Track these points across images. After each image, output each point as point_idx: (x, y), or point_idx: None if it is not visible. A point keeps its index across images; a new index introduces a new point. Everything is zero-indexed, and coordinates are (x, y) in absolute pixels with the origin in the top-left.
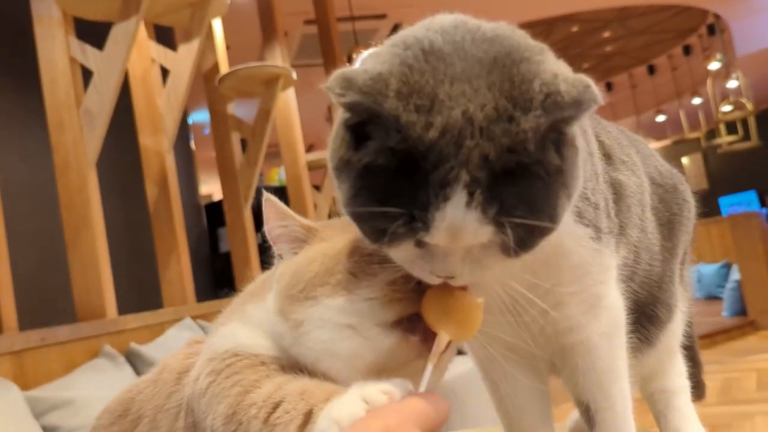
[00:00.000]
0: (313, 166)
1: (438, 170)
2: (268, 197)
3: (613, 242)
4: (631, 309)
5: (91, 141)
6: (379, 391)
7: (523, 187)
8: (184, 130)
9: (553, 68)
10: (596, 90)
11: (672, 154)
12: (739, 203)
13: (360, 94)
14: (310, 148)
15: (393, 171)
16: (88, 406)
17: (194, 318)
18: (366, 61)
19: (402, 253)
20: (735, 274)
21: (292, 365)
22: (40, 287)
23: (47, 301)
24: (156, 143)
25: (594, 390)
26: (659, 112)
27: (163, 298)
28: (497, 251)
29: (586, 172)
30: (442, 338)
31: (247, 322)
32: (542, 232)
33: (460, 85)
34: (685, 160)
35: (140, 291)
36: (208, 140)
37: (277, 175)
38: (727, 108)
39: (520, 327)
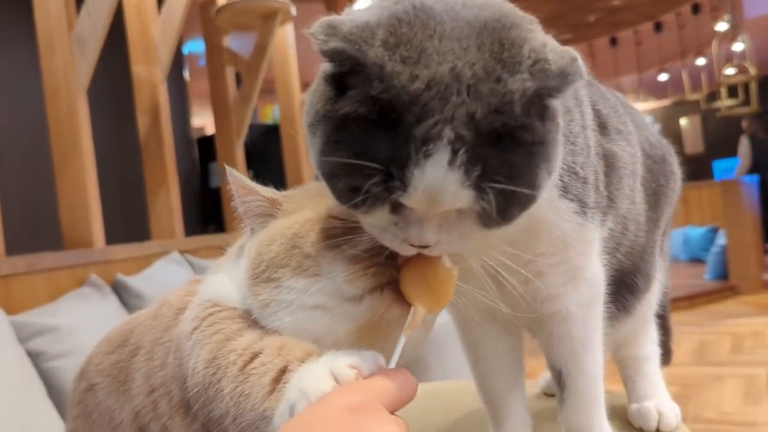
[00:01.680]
0: None
1: (421, 125)
2: (231, 172)
3: (599, 216)
4: (612, 279)
5: (82, 66)
6: (347, 365)
7: (507, 153)
8: (178, 60)
9: (542, 38)
10: (582, 64)
11: (671, 115)
12: (732, 168)
13: (344, 41)
14: (306, 87)
15: (372, 124)
16: (73, 334)
17: (182, 252)
18: (353, 12)
19: (375, 219)
20: (721, 239)
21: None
22: (27, 213)
23: (34, 227)
24: (149, 73)
25: (567, 357)
26: (662, 70)
27: (151, 230)
28: (474, 220)
29: (577, 146)
30: (418, 311)
31: (231, 276)
32: (522, 203)
33: (449, 43)
34: (683, 121)
35: (128, 222)
36: (203, 71)
37: (272, 113)
38: (730, 71)
39: (500, 294)
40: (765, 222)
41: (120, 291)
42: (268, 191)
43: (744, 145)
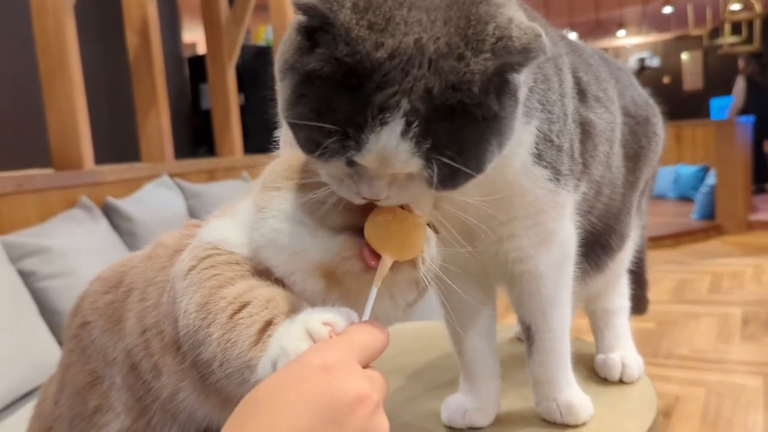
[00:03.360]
0: None
1: (381, 93)
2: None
3: (573, 182)
4: (585, 239)
5: None
6: (321, 322)
7: (458, 127)
8: None
9: (510, 14)
10: (546, 41)
11: (672, 49)
12: (728, 106)
13: None
14: None
15: (335, 85)
16: (65, 255)
17: (172, 176)
18: None
19: (332, 170)
20: (711, 179)
21: (261, 270)
22: (15, 131)
23: (22, 145)
24: None
25: (536, 313)
26: (667, 3)
27: (141, 152)
28: (422, 183)
29: (553, 114)
30: (386, 261)
31: (235, 219)
32: (466, 176)
33: (418, 13)
34: (684, 56)
35: (117, 142)
36: None
37: (264, 34)
38: (735, 6)
39: (474, 253)
40: (755, 163)
41: (110, 214)
42: None
43: (739, 85)
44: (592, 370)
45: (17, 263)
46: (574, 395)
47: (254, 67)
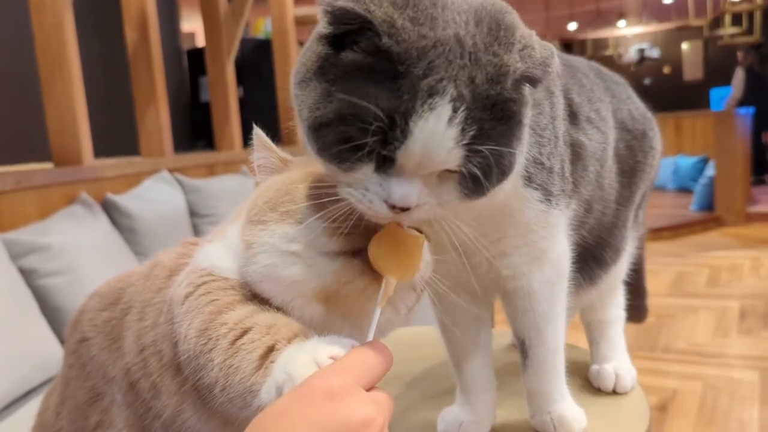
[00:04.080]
0: (301, 22)
1: (428, 79)
2: (257, 131)
3: (564, 201)
4: (578, 253)
5: None
6: (329, 356)
7: (497, 121)
8: None
9: (527, 29)
10: (557, 61)
11: (673, 40)
12: (726, 97)
13: (352, 1)
14: None
15: (378, 75)
16: (65, 253)
17: (171, 171)
18: None
19: (357, 177)
20: (710, 170)
21: (257, 296)
22: (15, 126)
23: (22, 141)
24: None
25: (530, 329)
26: None
27: (140, 147)
28: (454, 187)
29: (544, 137)
30: (390, 282)
31: (225, 244)
32: (502, 172)
33: (451, 13)
34: (685, 46)
35: (117, 137)
36: None
37: (263, 26)
38: None
39: (468, 270)
40: (754, 155)
41: (110, 210)
42: (284, 153)
43: (738, 77)
44: (587, 380)
45: (18, 261)
46: (568, 408)
47: (253, 61)
